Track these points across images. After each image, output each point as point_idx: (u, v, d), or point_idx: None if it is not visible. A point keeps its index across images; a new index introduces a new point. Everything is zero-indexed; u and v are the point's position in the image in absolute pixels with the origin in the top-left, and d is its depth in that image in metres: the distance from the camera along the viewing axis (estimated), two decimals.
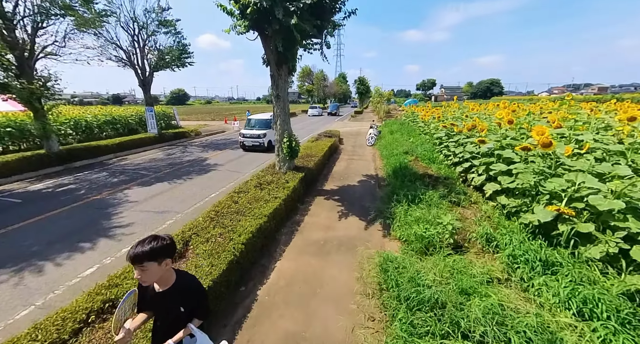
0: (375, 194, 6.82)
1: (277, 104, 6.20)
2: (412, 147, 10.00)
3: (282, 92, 6.10)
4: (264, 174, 6.48)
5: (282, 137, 6.41)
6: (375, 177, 8.32)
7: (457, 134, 7.82)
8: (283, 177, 6.19)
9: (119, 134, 16.47)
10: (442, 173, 7.28)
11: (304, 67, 50.36)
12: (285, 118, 6.32)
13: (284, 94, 6.14)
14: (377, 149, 12.50)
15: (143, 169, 10.04)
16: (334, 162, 10.21)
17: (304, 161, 7.65)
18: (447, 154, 8.04)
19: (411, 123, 15.80)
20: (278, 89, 6.06)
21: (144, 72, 14.42)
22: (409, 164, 8.18)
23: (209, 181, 8.40)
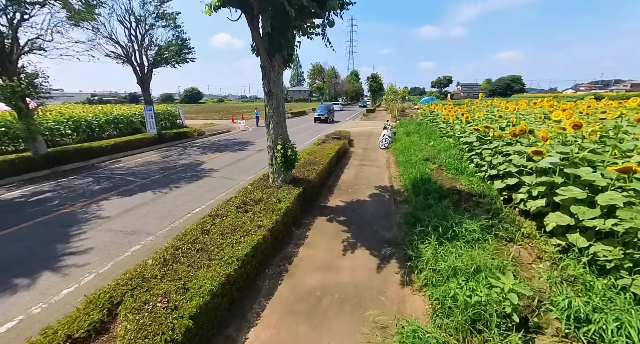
0: (391, 214, 5.51)
1: (270, 103, 5.01)
2: (434, 152, 8.56)
3: (274, 87, 4.90)
4: (253, 188, 5.31)
5: (276, 143, 5.22)
6: (390, 189, 6.98)
7: (494, 139, 6.35)
8: (275, 193, 5.00)
9: (121, 134, 15.88)
10: (474, 188, 5.86)
11: (314, 64, 49.14)
12: (279, 120, 5.12)
13: (277, 90, 4.94)
14: (391, 153, 11.11)
15: (132, 174, 9.15)
16: (342, 169, 8.93)
17: (305, 171, 6.43)
18: (480, 164, 6.59)
19: (430, 124, 14.22)
20: (270, 84, 4.86)
21: (142, 69, 13.64)
22: (431, 174, 6.78)
23: (197, 191, 7.35)
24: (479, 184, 6.02)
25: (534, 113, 9.11)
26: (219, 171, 9.42)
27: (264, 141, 5.89)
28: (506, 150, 5.57)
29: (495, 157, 5.82)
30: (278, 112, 5.05)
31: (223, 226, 3.78)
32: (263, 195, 4.91)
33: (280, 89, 4.99)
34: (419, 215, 4.58)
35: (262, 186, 5.49)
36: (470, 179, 6.34)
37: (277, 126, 5.14)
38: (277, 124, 5.13)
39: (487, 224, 4.08)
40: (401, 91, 31.14)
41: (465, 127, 8.64)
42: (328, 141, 11.09)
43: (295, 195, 4.93)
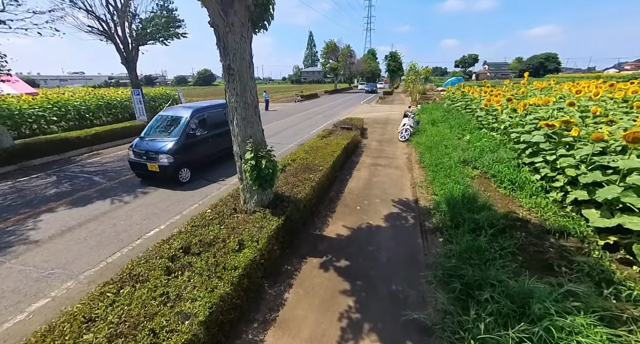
0: (418, 256, 3.68)
1: (230, 85, 3.16)
2: (473, 152, 6.45)
3: (236, 61, 3.02)
4: (213, 215, 3.62)
5: (244, 150, 3.42)
6: (414, 206, 5.09)
7: (578, 141, 4.21)
8: (242, 227, 3.29)
9: (117, 121, 14.66)
10: (549, 219, 3.86)
11: (328, 42, 45.34)
12: (247, 113, 3.28)
13: (241, 66, 3.06)
14: (413, 148, 9.03)
15: (102, 172, 7.76)
16: (350, 171, 7.05)
17: (296, 182, 4.64)
18: (552, 177, 4.48)
19: (462, 110, 11.74)
20: (228, 54, 2.99)
21: (126, 47, 11.93)
22: (474, 189, 4.80)
23: (166, 200, 5.80)
24: (553, 211, 4.00)
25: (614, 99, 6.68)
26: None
27: (266, 129, 4.20)
28: (610, 162, 3.47)
29: (586, 174, 3.73)
30: (244, 101, 3.20)
31: (129, 307, 2.14)
32: (221, 231, 3.22)
33: (247, 64, 3.11)
34: (470, 279, 2.74)
35: (228, 209, 3.79)
36: (536, 200, 4.32)
37: (245, 122, 3.31)
38: (245, 119, 3.30)
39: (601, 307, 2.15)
40: (423, 70, 27.77)
41: (520, 119, 6.36)
42: (335, 132, 9.13)
43: (271, 231, 3.20)
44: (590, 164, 3.93)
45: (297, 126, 14.43)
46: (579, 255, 3.13)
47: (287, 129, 13.49)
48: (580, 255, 3.14)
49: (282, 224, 3.46)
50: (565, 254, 3.17)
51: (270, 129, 13.72)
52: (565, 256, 3.13)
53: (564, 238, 3.50)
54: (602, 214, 3.32)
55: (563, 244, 3.38)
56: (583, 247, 3.30)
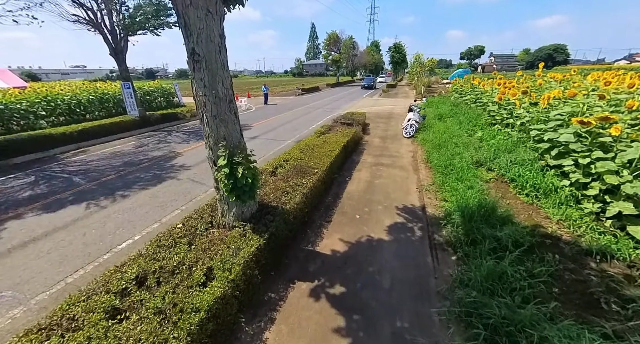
0: (428, 281, 3.09)
1: (196, 75, 2.53)
2: (487, 151, 5.78)
3: (201, 44, 2.39)
4: (184, 231, 3.05)
5: (216, 154, 2.81)
6: (421, 215, 4.48)
7: (618, 142, 3.54)
8: (215, 248, 2.72)
9: (109, 115, 14.06)
10: (586, 236, 3.24)
11: (330, 33, 43.94)
12: (219, 110, 2.66)
13: (209, 50, 2.42)
14: (418, 145, 8.37)
15: (83, 172, 7.23)
16: (349, 172, 6.44)
17: (286, 188, 4.05)
18: (585, 183, 3.81)
19: (471, 104, 10.97)
20: (191, 36, 2.35)
21: (114, 37, 11.26)
22: (491, 197, 4.17)
23: (146, 204, 5.26)
24: (589, 226, 3.37)
25: None
26: (190, 169, 7.26)
27: (263, 124, 3.61)
28: None
29: (631, 182, 3.07)
30: (214, 94, 2.57)
31: None
32: (189, 254, 2.64)
33: (216, 47, 2.47)
34: (496, 322, 2.15)
35: (203, 223, 3.21)
36: (566, 211, 3.68)
37: (217, 121, 2.69)
38: (216, 117, 2.68)
39: None
40: (428, 62, 26.69)
41: (542, 114, 5.63)
42: (335, 128, 8.47)
43: (250, 255, 2.62)
44: (635, 170, 3.27)
45: (296, 121, 13.76)
46: (631, 286, 2.52)
47: (286, 124, 12.84)
48: (632, 286, 2.53)
49: (265, 243, 2.88)
50: (612, 285, 2.56)
51: (268, 124, 13.09)
52: (612, 288, 2.53)
53: (607, 262, 2.89)
54: None
55: (606, 269, 2.77)
56: (633, 275, 2.68)
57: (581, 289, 2.57)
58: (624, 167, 3.39)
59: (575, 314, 2.35)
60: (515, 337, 2.02)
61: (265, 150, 8.66)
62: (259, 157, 7.89)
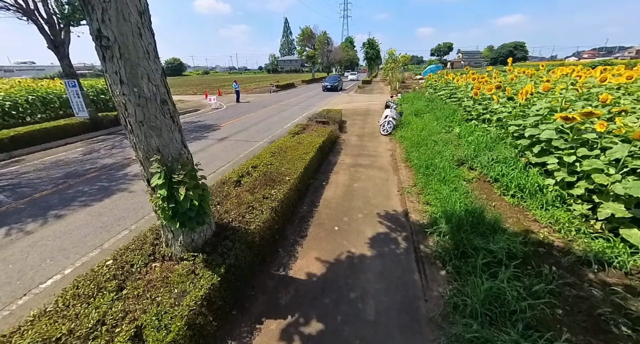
0: (417, 304, 2.68)
1: (109, 67, 1.87)
2: (467, 149, 5.57)
3: (111, 24, 1.74)
4: (112, 272, 2.37)
5: (148, 171, 2.17)
6: (405, 222, 4.09)
7: (602, 138, 3.38)
8: (151, 295, 2.09)
9: (56, 117, 12.36)
10: (578, 241, 3.03)
11: (303, 29, 43.01)
12: (147, 113, 2.01)
13: (122, 33, 1.78)
14: (397, 142, 8.09)
15: (14, 186, 6.06)
16: (326, 176, 5.95)
17: (252, 201, 3.46)
18: (572, 182, 3.64)
19: (446, 99, 10.94)
20: (94, 12, 1.70)
21: (52, 28, 9.75)
22: (479, 201, 3.89)
23: (86, 225, 4.39)
24: (579, 229, 3.17)
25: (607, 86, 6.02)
26: None
27: (234, 123, 3.01)
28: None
29: (619, 181, 2.88)
30: (137, 93, 1.92)
31: None
32: (115, 306, 1.99)
33: (133, 28, 1.82)
34: None
35: (143, 256, 2.54)
36: (554, 212, 3.47)
37: (145, 128, 2.04)
38: (144, 124, 2.03)
39: None
40: (402, 58, 26.93)
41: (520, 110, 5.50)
42: (310, 127, 7.94)
43: (197, 301, 2.02)
44: (622, 169, 3.10)
45: (270, 119, 13.03)
46: (635, 300, 2.28)
47: (258, 124, 12.07)
48: (636, 300, 2.30)
49: (221, 280, 2.29)
50: (616, 301, 2.31)
51: (240, 123, 12.23)
52: (617, 305, 2.27)
53: (604, 270, 2.66)
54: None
55: (606, 280, 2.53)
56: (633, 285, 2.46)
57: (585, 309, 2.30)
58: (610, 166, 3.22)
59: (585, 341, 2.05)
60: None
61: (235, 153, 7.92)
62: (227, 161, 7.28)
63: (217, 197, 3.64)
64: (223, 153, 7.94)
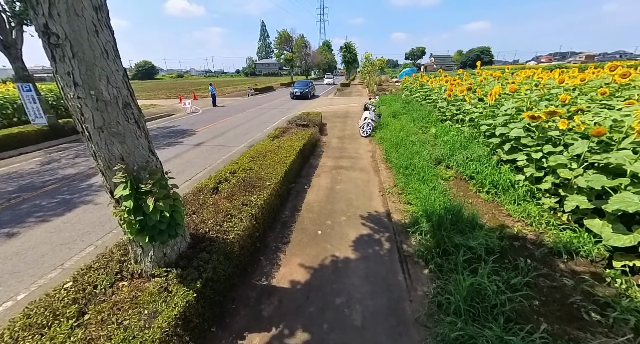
0: (403, 306, 2.67)
1: (60, 67, 1.68)
2: (443, 148, 5.77)
3: (61, 19, 1.57)
4: (72, 295, 2.12)
5: (111, 182, 1.98)
6: (387, 223, 4.12)
7: (565, 135, 3.61)
8: (118, 318, 1.89)
9: (10, 125, 11.21)
10: (548, 232, 3.19)
11: (281, 32, 42.91)
12: (107, 118, 1.84)
13: (75, 29, 1.61)
14: (376, 143, 8.22)
15: None
16: (308, 179, 5.88)
17: (230, 209, 3.30)
18: (540, 178, 3.86)
19: (421, 101, 11.32)
20: (39, 5, 1.51)
21: (1, 27, 8.89)
22: (458, 199, 4.00)
23: (44, 242, 3.96)
24: (549, 222, 3.35)
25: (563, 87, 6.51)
26: None
27: (211, 128, 2.84)
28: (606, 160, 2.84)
29: (582, 175, 3.09)
30: (94, 95, 1.75)
31: None
32: (72, 336, 1.77)
33: (88, 26, 1.65)
34: None
35: (109, 275, 2.31)
36: (526, 207, 3.65)
37: (105, 134, 1.86)
38: (104, 129, 1.85)
39: None
40: (378, 61, 27.64)
41: (490, 110, 5.79)
42: (290, 130, 7.84)
43: (169, 322, 1.86)
44: (583, 163, 3.33)
45: (249, 123, 12.75)
46: (601, 287, 2.43)
47: (237, 128, 11.75)
48: (602, 286, 2.44)
49: (198, 296, 2.14)
50: (586, 289, 2.44)
51: (217, 128, 11.84)
52: (587, 292, 2.40)
53: (573, 259, 2.82)
54: (614, 227, 2.67)
55: (576, 270, 2.68)
56: (599, 272, 2.63)
57: (559, 298, 2.40)
58: (573, 161, 3.45)
59: (560, 330, 2.14)
60: None
61: (212, 158, 7.62)
62: (204, 167, 6.97)
63: (193, 207, 3.44)
64: (199, 159, 7.61)
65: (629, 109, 3.76)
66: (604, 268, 2.67)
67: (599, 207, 2.91)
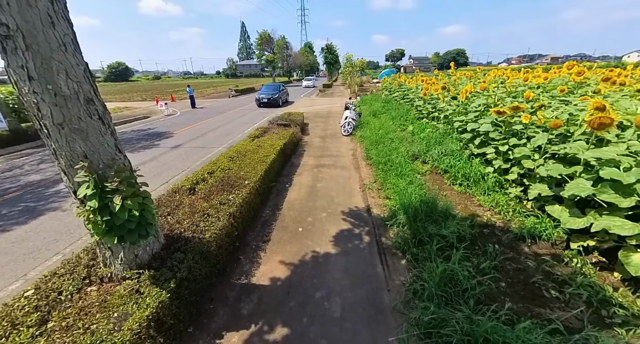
0: (381, 295, 2.74)
1: (12, 61, 1.60)
2: (420, 144, 5.97)
3: (14, 11, 1.50)
4: (34, 303, 2.01)
5: (74, 180, 1.89)
6: (367, 217, 4.20)
7: (527, 128, 3.87)
8: (85, 323, 1.81)
9: None
10: (514, 219, 3.40)
11: (261, 33, 42.56)
12: (68, 113, 1.76)
13: (28, 19, 1.54)
14: (358, 142, 8.35)
15: None
16: (289, 178, 5.87)
17: (207, 208, 3.24)
18: (507, 169, 4.10)
19: (400, 100, 11.65)
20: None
21: None
22: (432, 192, 4.17)
23: (3, 255, 3.69)
24: (515, 210, 3.57)
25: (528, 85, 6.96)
26: None
27: (189, 130, 2.80)
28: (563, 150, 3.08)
29: (543, 165, 3.33)
30: (50, 90, 1.67)
31: None
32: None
33: (43, 17, 1.58)
34: (459, 340, 1.88)
35: (75, 280, 2.20)
36: (495, 197, 3.86)
37: (66, 131, 1.78)
38: (64, 126, 1.77)
39: None
40: (359, 62, 28.11)
41: (462, 107, 6.07)
42: (271, 130, 7.79)
43: (143, 323, 1.80)
44: (544, 154, 3.58)
45: (229, 125, 12.52)
46: (560, 266, 2.63)
47: (216, 129, 11.51)
48: (560, 266, 2.64)
49: (172, 296, 2.08)
50: (546, 269, 2.63)
51: (196, 129, 11.54)
52: (549, 273, 2.59)
53: (536, 243, 3.02)
54: (571, 212, 2.89)
55: (538, 252, 2.87)
56: (558, 253, 2.83)
57: (523, 279, 2.57)
58: (535, 152, 3.70)
59: (524, 308, 2.29)
60: None
61: (191, 161, 7.41)
62: (182, 170, 6.77)
63: (168, 208, 3.34)
64: (177, 162, 7.38)
65: (583, 104, 4.09)
66: (562, 250, 2.89)
67: (558, 194, 3.13)
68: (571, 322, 2.09)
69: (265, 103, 17.79)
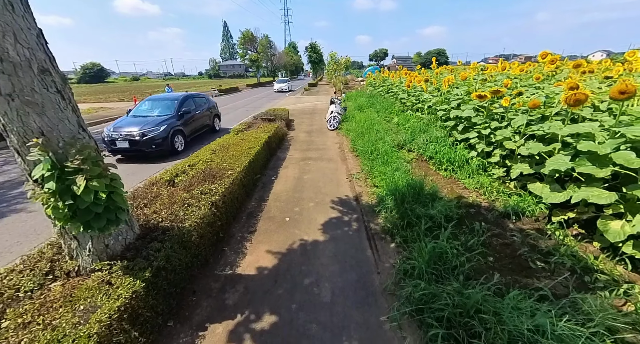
0: (371, 278, 2.68)
1: None
2: (405, 135, 6.00)
3: None
4: None
5: (27, 159, 1.70)
6: (354, 205, 4.15)
7: (508, 111, 3.95)
8: (46, 318, 1.62)
9: None
10: (499, 199, 3.45)
11: (244, 32, 41.84)
12: (19, 85, 1.57)
13: None
14: (344, 135, 8.31)
15: None
16: (275, 171, 5.74)
17: (187, 198, 3.07)
18: (490, 152, 4.17)
19: (385, 94, 11.74)
20: None
21: None
22: (418, 176, 4.17)
23: None
24: (498, 190, 3.63)
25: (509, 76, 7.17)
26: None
27: None
28: (543, 130, 3.15)
29: (523, 145, 3.40)
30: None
31: None
32: None
33: None
34: (451, 314, 1.85)
35: (37, 275, 1.99)
36: (479, 179, 3.92)
37: (17, 103, 1.60)
38: (14, 97, 1.58)
39: None
40: (343, 60, 28.22)
41: (444, 97, 6.16)
42: (255, 124, 7.61)
43: (113, 315, 1.64)
44: (524, 135, 3.66)
45: None
46: (544, 239, 2.67)
47: None
48: (544, 239, 2.69)
49: (147, 286, 1.92)
50: (531, 242, 2.66)
51: None
52: (534, 246, 2.62)
53: (520, 220, 3.07)
54: (551, 187, 2.96)
55: (523, 228, 2.92)
56: (541, 228, 2.89)
57: (509, 253, 2.59)
58: (516, 134, 3.78)
59: (512, 279, 2.30)
60: (472, 327, 1.74)
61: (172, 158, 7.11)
62: (163, 168, 6.47)
63: (145, 199, 3.13)
64: (158, 158, 7.05)
65: (557, 89, 4.24)
66: (545, 224, 2.95)
67: (539, 172, 3.20)
68: (557, 289, 2.11)
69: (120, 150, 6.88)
